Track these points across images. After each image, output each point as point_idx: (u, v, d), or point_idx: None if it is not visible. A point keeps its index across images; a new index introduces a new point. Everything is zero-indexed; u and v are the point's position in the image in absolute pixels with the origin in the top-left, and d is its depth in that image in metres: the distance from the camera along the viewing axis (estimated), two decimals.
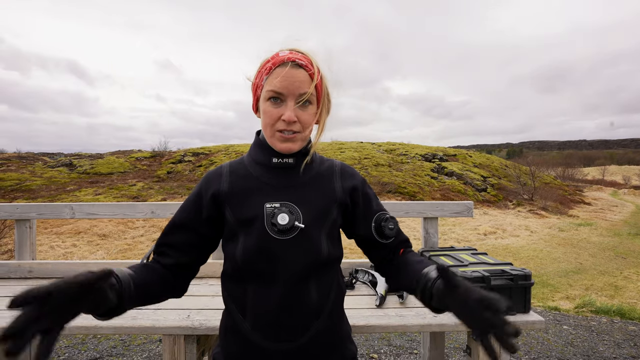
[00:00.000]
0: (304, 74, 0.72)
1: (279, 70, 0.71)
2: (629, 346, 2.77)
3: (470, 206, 1.73)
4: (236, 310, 0.76)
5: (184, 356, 1.16)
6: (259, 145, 0.80)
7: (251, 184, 0.77)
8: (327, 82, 0.78)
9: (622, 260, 6.77)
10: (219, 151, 18.49)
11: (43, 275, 1.75)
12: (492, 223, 10.01)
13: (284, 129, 0.73)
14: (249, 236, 0.73)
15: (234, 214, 0.76)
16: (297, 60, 0.72)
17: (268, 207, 0.74)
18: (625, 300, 4.40)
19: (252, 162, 0.80)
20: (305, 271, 0.73)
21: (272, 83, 0.72)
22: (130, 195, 11.13)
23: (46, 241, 6.80)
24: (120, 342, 2.62)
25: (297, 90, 0.71)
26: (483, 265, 1.29)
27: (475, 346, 1.23)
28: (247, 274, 0.74)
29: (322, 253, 0.74)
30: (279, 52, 0.74)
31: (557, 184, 20.22)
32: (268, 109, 0.73)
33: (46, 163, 16.74)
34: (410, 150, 19.49)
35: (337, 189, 0.80)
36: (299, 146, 0.76)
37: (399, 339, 2.70)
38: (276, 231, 0.73)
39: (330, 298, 0.78)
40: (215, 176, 0.80)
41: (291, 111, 0.71)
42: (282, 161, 0.77)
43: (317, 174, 0.81)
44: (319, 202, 0.77)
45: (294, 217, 0.73)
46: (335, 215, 0.79)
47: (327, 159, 0.86)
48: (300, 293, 0.73)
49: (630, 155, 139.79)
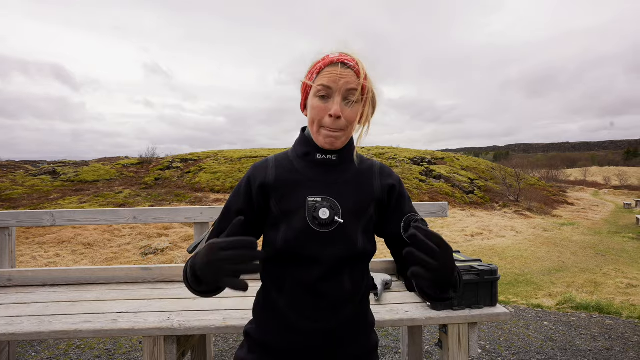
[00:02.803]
0: (351, 73, 0.77)
1: (329, 69, 0.77)
2: (604, 339, 2.88)
3: (444, 207, 1.80)
4: (274, 287, 0.80)
5: (164, 357, 1.19)
6: (304, 141, 0.84)
7: (295, 177, 0.81)
8: (373, 84, 0.82)
9: (602, 258, 6.99)
10: (208, 157, 18.36)
11: (22, 283, 1.74)
12: (479, 224, 10.20)
13: (330, 125, 0.77)
14: (290, 226, 0.77)
15: (279, 204, 0.79)
16: (346, 61, 0.77)
17: (310, 201, 0.78)
18: (604, 296, 4.56)
19: (296, 157, 0.84)
20: (342, 262, 0.78)
21: (322, 79, 0.77)
22: (117, 203, 10.95)
23: (28, 251, 6.63)
24: (105, 351, 2.58)
25: (344, 86, 0.76)
26: None
27: (446, 339, 1.28)
28: (287, 258, 0.78)
29: (358, 247, 0.78)
30: (329, 54, 0.79)
31: (541, 186, 20.73)
32: (316, 104, 0.77)
33: (28, 171, 16.32)
34: (399, 154, 19.74)
35: (376, 188, 0.84)
36: (342, 143, 0.80)
37: (384, 339, 2.74)
38: (317, 224, 0.77)
39: (362, 288, 0.82)
40: (261, 168, 0.84)
41: (338, 105, 0.75)
42: (325, 157, 0.81)
43: (358, 172, 0.84)
44: (358, 199, 0.81)
45: (334, 212, 0.77)
46: (372, 212, 0.82)
47: (368, 158, 0.90)
48: (335, 279, 0.78)
49: (611, 157, 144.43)
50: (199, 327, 1.23)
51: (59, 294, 1.61)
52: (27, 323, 1.27)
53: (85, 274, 1.76)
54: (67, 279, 1.75)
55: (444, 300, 0.74)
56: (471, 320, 1.27)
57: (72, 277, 1.75)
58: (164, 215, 1.84)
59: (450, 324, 1.27)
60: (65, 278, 1.75)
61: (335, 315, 0.78)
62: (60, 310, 1.40)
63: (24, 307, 1.44)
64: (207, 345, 1.77)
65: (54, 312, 1.38)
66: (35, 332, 1.21)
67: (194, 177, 15.00)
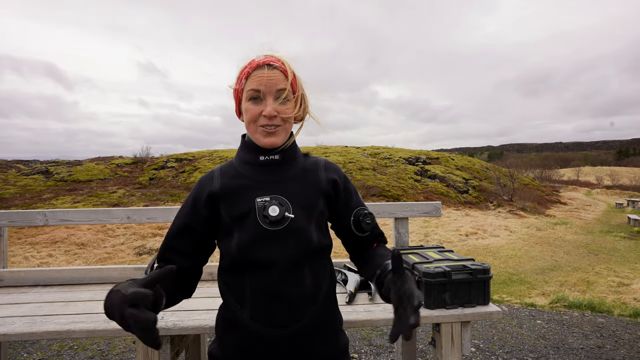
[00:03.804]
0: (278, 73, 0.79)
1: (256, 72, 0.78)
2: (595, 337, 2.92)
3: (438, 206, 1.82)
4: (234, 301, 0.80)
5: (157, 357, 1.18)
6: (246, 146, 0.86)
7: (242, 182, 0.82)
8: (301, 82, 0.84)
9: (594, 257, 7.09)
10: (202, 157, 18.27)
11: (15, 283, 1.72)
12: (474, 224, 10.27)
13: (266, 124, 0.78)
14: (243, 230, 0.78)
15: (229, 211, 0.80)
16: (271, 62, 0.79)
17: (259, 201, 0.79)
18: (596, 295, 4.62)
19: (240, 163, 0.85)
20: (299, 258, 0.78)
21: (251, 84, 0.78)
22: (111, 202, 10.85)
23: (20, 252, 6.55)
24: (98, 352, 2.57)
25: (274, 87, 0.78)
26: (446, 261, 1.36)
27: (439, 338, 1.29)
28: (244, 265, 0.78)
29: (313, 241, 0.79)
30: (254, 59, 0.81)
31: (535, 185, 20.93)
32: (249, 107, 0.79)
33: (20, 171, 16.10)
34: (394, 154, 19.80)
35: (322, 182, 0.85)
36: (282, 139, 0.81)
37: (379, 339, 2.75)
38: (268, 222, 0.77)
39: (324, 285, 0.82)
40: (207, 179, 0.85)
41: (271, 106, 0.77)
42: (269, 158, 0.83)
43: (302, 168, 0.86)
44: (306, 194, 0.83)
45: (284, 208, 0.78)
46: (322, 206, 0.84)
47: (312, 156, 0.92)
48: (295, 279, 0.78)
49: (603, 157, 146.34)
50: (193, 326, 1.23)
51: (52, 294, 1.60)
52: (19, 323, 1.25)
53: (79, 274, 1.74)
54: (60, 279, 1.73)
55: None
56: (464, 319, 1.28)
57: (65, 277, 1.74)
58: (158, 215, 1.83)
59: (443, 322, 1.28)
60: (58, 278, 1.74)
61: (300, 317, 0.78)
62: (53, 311, 1.38)
63: (16, 308, 1.42)
64: (201, 345, 1.77)
65: (46, 313, 1.36)
66: (27, 333, 1.20)
67: (188, 177, 14.91)
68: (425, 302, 1.28)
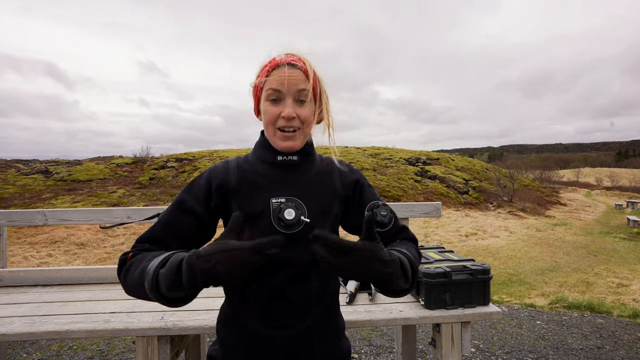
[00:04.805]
0: (299, 73, 0.76)
1: (277, 71, 0.76)
2: (595, 338, 2.92)
3: (438, 207, 1.82)
4: (237, 297, 0.78)
5: (157, 357, 1.18)
6: (263, 144, 0.83)
7: (257, 180, 0.79)
8: (323, 82, 0.81)
9: (593, 258, 7.09)
10: (203, 157, 18.26)
11: (14, 283, 1.71)
12: (474, 224, 10.28)
13: (284, 126, 0.76)
14: (255, 230, 0.75)
15: (241, 207, 0.77)
16: (292, 61, 0.77)
17: (274, 202, 0.76)
18: (595, 296, 4.62)
19: (257, 160, 0.83)
20: (309, 262, 0.76)
21: (271, 83, 0.76)
22: (110, 202, 10.85)
23: (19, 252, 6.55)
24: (98, 352, 2.56)
25: (294, 87, 0.75)
26: (447, 262, 1.36)
27: (439, 338, 1.29)
28: None
29: None
30: (275, 57, 0.79)
31: (535, 186, 20.94)
32: (268, 108, 0.77)
33: (20, 170, 16.09)
34: (394, 155, 19.80)
35: (338, 185, 0.83)
36: (300, 143, 0.79)
37: (379, 339, 2.75)
38: (283, 226, 0.75)
39: (330, 287, 0.81)
40: (222, 168, 0.81)
41: (290, 108, 0.75)
42: (286, 158, 0.80)
43: (318, 171, 0.84)
44: (322, 198, 0.81)
45: (299, 212, 0.75)
46: (337, 209, 0.82)
47: (325, 156, 0.89)
48: (303, 281, 0.77)
49: (602, 158, 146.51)
50: (192, 326, 1.23)
51: (51, 294, 1.60)
52: (19, 323, 1.25)
53: (78, 274, 1.74)
54: (59, 279, 1.73)
55: (394, 293, 0.72)
56: (464, 319, 1.28)
57: (65, 277, 1.74)
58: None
59: (444, 323, 1.28)
60: (58, 278, 1.73)
61: (303, 318, 0.77)
62: (53, 311, 1.38)
63: (15, 308, 1.42)
64: (201, 345, 1.77)
65: (45, 313, 1.36)
66: (26, 333, 1.20)
67: (188, 177, 14.91)
68: (426, 302, 1.28)
